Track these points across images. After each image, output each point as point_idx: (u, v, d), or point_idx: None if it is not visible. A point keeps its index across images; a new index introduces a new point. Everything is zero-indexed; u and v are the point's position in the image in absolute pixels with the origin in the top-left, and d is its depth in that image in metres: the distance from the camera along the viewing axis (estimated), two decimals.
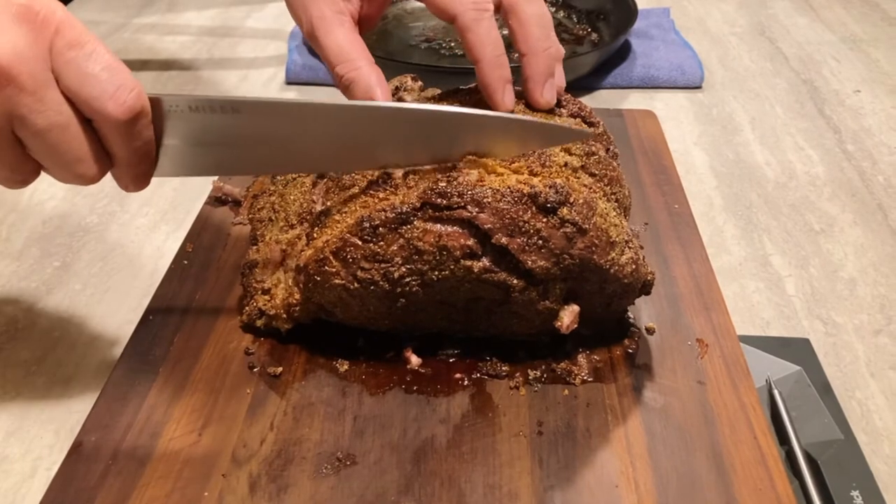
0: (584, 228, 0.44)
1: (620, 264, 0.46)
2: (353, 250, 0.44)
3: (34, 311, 0.60)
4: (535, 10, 0.49)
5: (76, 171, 0.40)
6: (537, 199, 0.44)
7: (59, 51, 0.37)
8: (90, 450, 0.43)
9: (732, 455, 0.43)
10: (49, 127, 0.38)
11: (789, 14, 1.15)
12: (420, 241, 0.44)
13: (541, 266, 0.44)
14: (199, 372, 0.48)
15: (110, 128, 0.39)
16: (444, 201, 0.43)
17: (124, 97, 0.38)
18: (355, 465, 0.43)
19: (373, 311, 0.47)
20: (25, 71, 0.36)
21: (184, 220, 0.70)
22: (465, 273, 0.45)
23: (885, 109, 0.90)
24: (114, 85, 0.38)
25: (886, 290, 0.63)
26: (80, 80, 0.37)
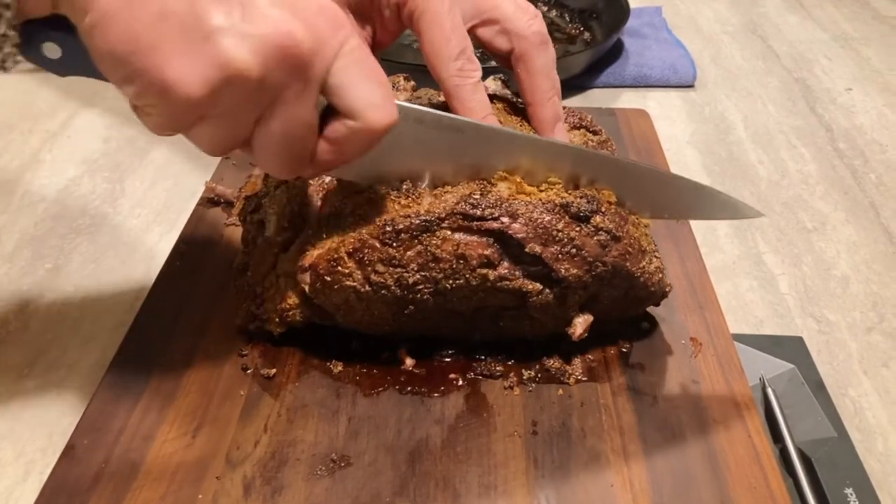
0: (618, 236, 0.45)
1: (650, 272, 0.47)
2: (371, 252, 0.44)
3: (26, 313, 0.60)
4: (544, 61, 0.49)
5: (288, 165, 0.39)
6: (570, 209, 0.44)
7: (345, 51, 0.37)
8: (83, 453, 0.43)
9: (727, 453, 0.43)
10: (299, 122, 0.38)
11: (781, 12, 1.16)
12: (438, 248, 0.44)
13: (574, 274, 0.45)
14: (193, 374, 0.48)
15: (358, 135, 0.39)
16: (478, 212, 0.44)
17: (389, 109, 0.39)
18: (350, 466, 0.43)
19: (377, 316, 0.47)
20: (316, 60, 0.36)
21: (176, 220, 0.69)
22: (480, 282, 0.45)
23: (876, 107, 0.90)
24: (382, 95, 0.38)
25: (879, 287, 0.63)
26: (355, 82, 0.38)
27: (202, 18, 0.33)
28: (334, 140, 0.39)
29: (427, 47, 0.47)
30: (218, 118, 0.36)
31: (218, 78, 0.34)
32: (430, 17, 0.46)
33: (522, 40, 0.49)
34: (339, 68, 0.37)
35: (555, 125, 0.50)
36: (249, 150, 0.39)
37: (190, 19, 0.33)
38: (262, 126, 0.37)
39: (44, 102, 0.90)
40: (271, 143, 0.38)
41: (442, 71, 0.47)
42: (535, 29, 0.49)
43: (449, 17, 0.46)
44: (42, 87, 0.93)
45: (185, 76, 0.33)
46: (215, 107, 0.35)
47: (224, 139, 0.37)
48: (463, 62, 0.47)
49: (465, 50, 0.47)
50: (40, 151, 0.81)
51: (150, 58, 0.33)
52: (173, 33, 0.33)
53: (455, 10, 0.47)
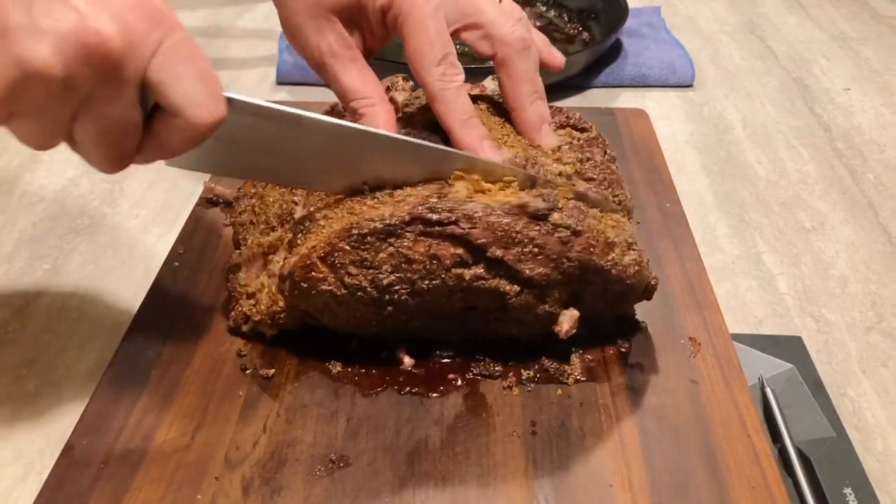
0: (579, 230, 0.45)
1: (623, 264, 0.46)
2: (342, 255, 0.44)
3: (24, 313, 0.60)
4: (526, 67, 0.49)
5: (110, 161, 0.38)
6: (527, 209, 0.44)
7: (165, 48, 0.36)
8: (82, 453, 0.43)
9: (726, 453, 0.43)
10: (117, 121, 0.37)
11: (779, 12, 1.16)
12: (410, 249, 0.44)
13: (539, 273, 0.45)
14: (191, 374, 0.48)
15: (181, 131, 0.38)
16: (436, 216, 0.43)
17: (215, 106, 0.37)
18: (349, 466, 0.43)
19: (360, 318, 0.47)
20: (128, 58, 0.35)
21: (175, 221, 0.69)
22: (456, 281, 0.45)
23: (874, 107, 0.90)
24: (208, 92, 0.37)
25: (878, 287, 0.63)
26: (176, 80, 0.36)
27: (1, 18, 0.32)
28: (158, 135, 0.38)
29: (411, 52, 0.47)
30: (28, 115, 0.35)
31: (15, 77, 0.33)
32: (413, 22, 0.46)
33: (504, 46, 0.49)
34: (158, 65, 0.36)
35: (540, 128, 0.50)
36: (72, 148, 0.38)
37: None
38: (79, 123, 0.36)
39: None
40: (89, 141, 0.37)
41: (425, 75, 0.47)
42: (518, 35, 0.49)
43: (433, 21, 0.46)
44: None
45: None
46: (20, 104, 0.34)
47: (41, 135, 0.37)
48: (445, 67, 0.47)
49: (448, 55, 0.47)
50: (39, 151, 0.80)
51: None
52: None
53: (439, 14, 0.47)
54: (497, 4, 0.50)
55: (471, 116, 0.47)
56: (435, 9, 0.46)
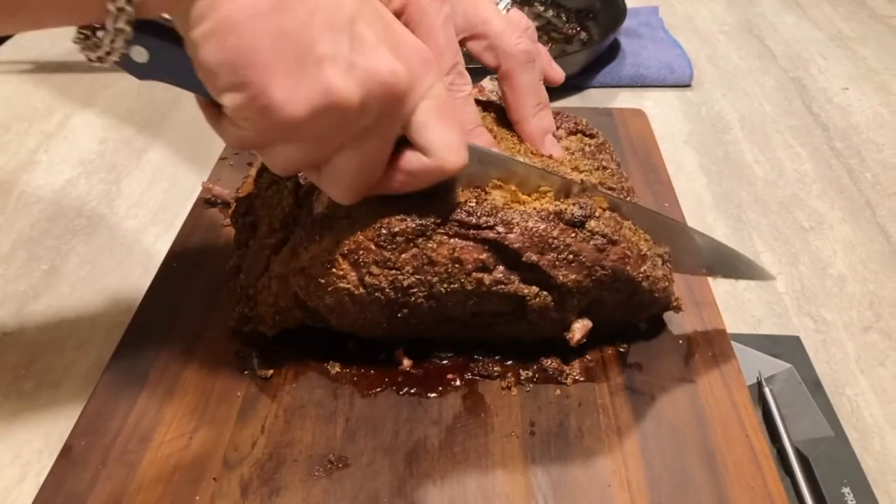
0: (615, 240, 0.45)
1: (655, 277, 0.47)
2: (366, 254, 0.44)
3: (22, 314, 0.60)
4: (529, 79, 0.50)
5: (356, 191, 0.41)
6: (564, 216, 0.44)
7: (432, 93, 0.39)
8: (80, 454, 0.43)
9: (724, 453, 0.43)
10: (377, 153, 0.39)
11: (777, 12, 1.16)
12: (434, 252, 0.44)
13: (572, 279, 0.45)
14: (190, 375, 0.48)
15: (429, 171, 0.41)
16: (473, 220, 0.44)
17: (463, 152, 0.41)
18: (347, 467, 0.43)
19: (370, 319, 0.47)
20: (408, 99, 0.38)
21: (173, 221, 0.69)
22: (475, 286, 0.45)
23: (872, 107, 0.90)
24: (458, 139, 0.40)
25: (875, 286, 0.63)
26: (436, 123, 0.39)
27: (315, 44, 0.34)
28: (406, 171, 0.41)
29: None
30: (305, 141, 0.37)
31: (321, 103, 0.35)
32: (423, 31, 0.47)
33: (508, 58, 0.50)
34: (425, 108, 0.39)
35: (544, 138, 0.51)
36: (316, 173, 0.40)
37: (304, 45, 0.34)
38: (342, 153, 0.38)
39: (40, 103, 0.90)
40: (345, 170, 0.39)
41: None
42: (522, 48, 0.50)
43: (443, 31, 0.47)
44: (38, 88, 0.93)
45: (291, 97, 0.34)
46: (309, 130, 0.36)
47: (301, 161, 0.39)
48: (454, 76, 0.47)
49: (457, 65, 0.48)
50: (36, 152, 0.80)
51: (262, 73, 0.33)
52: (288, 54, 0.34)
53: (449, 24, 0.47)
54: (504, 16, 0.50)
55: (478, 125, 0.48)
56: (445, 19, 0.47)
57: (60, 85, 0.93)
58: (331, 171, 0.39)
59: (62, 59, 1.00)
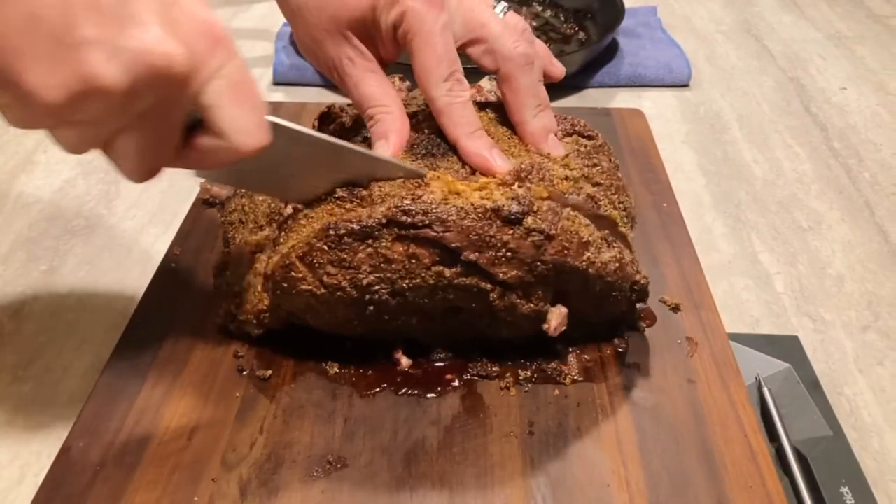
0: (552, 234, 0.44)
1: (602, 262, 0.46)
2: (320, 255, 0.44)
3: (20, 315, 0.60)
4: (529, 81, 0.50)
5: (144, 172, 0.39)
6: (500, 213, 0.44)
7: (223, 73, 0.37)
8: (78, 455, 0.43)
9: (723, 453, 0.43)
10: (162, 136, 0.38)
11: (775, 12, 1.16)
12: (389, 250, 0.44)
13: (513, 276, 0.45)
14: (188, 376, 0.48)
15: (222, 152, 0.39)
16: (409, 219, 0.43)
17: (259, 135, 0.39)
18: (346, 467, 0.43)
19: (342, 317, 0.47)
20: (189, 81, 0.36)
21: (171, 222, 0.69)
22: (436, 279, 0.44)
23: (870, 106, 0.90)
24: (253, 121, 0.38)
25: (874, 286, 0.63)
26: (227, 105, 0.37)
27: (73, 28, 0.32)
28: (199, 149, 0.39)
29: (418, 68, 0.48)
30: (78, 125, 0.35)
31: (79, 89, 0.33)
32: (422, 39, 0.47)
33: (507, 61, 0.50)
34: (213, 90, 0.37)
35: (545, 138, 0.51)
36: (105, 153, 0.38)
37: (60, 28, 0.32)
38: (124, 135, 0.37)
39: None
40: (131, 152, 0.37)
41: (432, 90, 0.48)
42: (520, 51, 0.50)
43: (441, 38, 0.47)
44: None
45: (45, 83, 0.32)
46: (75, 115, 0.34)
47: (81, 144, 0.37)
48: (452, 83, 0.47)
49: (455, 72, 0.48)
50: (34, 153, 0.80)
51: (11, 60, 0.32)
52: (40, 39, 0.32)
53: (447, 31, 0.47)
54: (501, 20, 0.51)
55: (476, 129, 0.48)
56: (443, 26, 0.47)
57: None
58: (116, 151, 0.38)
59: None
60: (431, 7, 0.47)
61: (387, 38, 0.49)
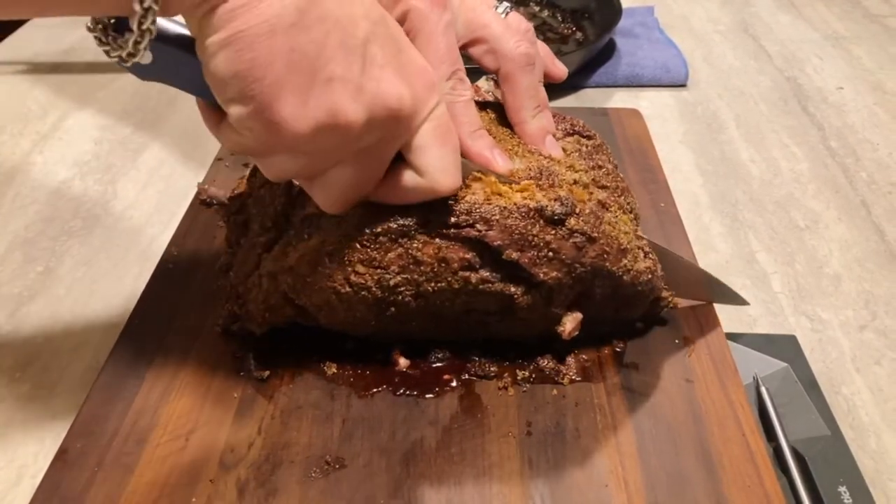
0: (594, 237, 0.45)
1: (637, 270, 0.47)
2: (351, 253, 0.44)
3: (17, 316, 0.59)
4: (529, 82, 0.50)
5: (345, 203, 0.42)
6: (544, 213, 0.44)
7: (433, 115, 0.40)
8: (76, 457, 0.43)
9: (721, 452, 0.43)
10: (372, 171, 0.40)
11: (772, 12, 1.16)
12: (419, 251, 0.44)
13: (553, 277, 0.45)
14: (186, 376, 0.48)
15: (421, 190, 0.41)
16: (453, 219, 0.43)
17: (456, 175, 0.42)
18: (344, 468, 0.43)
19: (358, 317, 0.47)
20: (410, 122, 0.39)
21: (169, 223, 0.69)
22: (462, 284, 0.45)
23: (867, 106, 0.90)
24: (453, 162, 0.42)
25: (871, 285, 0.63)
26: (434, 146, 0.40)
27: (327, 64, 0.35)
28: (398, 186, 0.41)
29: None
30: (305, 155, 0.37)
31: (325, 123, 0.35)
32: (425, 38, 0.47)
33: (508, 62, 0.50)
34: (424, 131, 0.40)
35: (544, 139, 0.51)
36: (308, 182, 0.40)
37: (316, 62, 0.34)
38: (338, 168, 0.39)
39: (34, 104, 0.89)
40: (338, 183, 0.40)
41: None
42: (522, 51, 0.50)
43: (444, 38, 0.47)
44: (33, 89, 0.93)
45: (297, 114, 0.35)
46: (310, 145, 0.36)
47: (296, 173, 0.39)
48: (455, 82, 0.48)
49: (457, 71, 0.48)
50: (31, 153, 0.80)
51: (272, 89, 0.34)
52: (299, 72, 0.34)
53: (450, 31, 0.48)
54: (503, 20, 0.51)
55: (479, 128, 0.48)
56: (447, 25, 0.47)
57: (55, 86, 0.92)
58: (324, 182, 0.40)
59: (57, 60, 0.99)
60: (435, 6, 0.47)
61: None
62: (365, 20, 0.36)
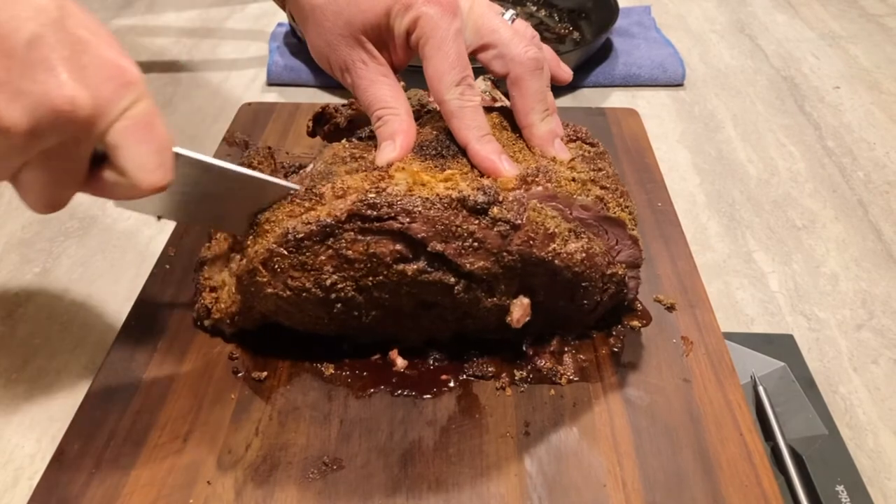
0: (518, 224, 0.44)
1: (568, 252, 0.46)
2: (281, 260, 0.44)
3: (14, 317, 0.59)
4: (538, 86, 0.50)
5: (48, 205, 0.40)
6: (467, 203, 0.44)
7: (129, 114, 0.38)
8: (73, 458, 0.43)
9: (718, 452, 0.43)
10: (66, 172, 0.39)
11: (768, 11, 1.16)
12: (349, 249, 0.44)
13: (480, 266, 0.44)
14: (183, 378, 0.48)
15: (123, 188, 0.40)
16: (374, 212, 0.43)
17: (162, 175, 0.40)
18: (342, 469, 0.43)
19: (312, 316, 0.47)
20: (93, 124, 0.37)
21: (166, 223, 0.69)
22: (399, 277, 0.44)
23: (864, 105, 0.91)
24: (157, 161, 0.39)
25: (868, 284, 0.64)
26: (131, 145, 0.38)
27: None
28: (102, 182, 0.40)
29: (431, 71, 0.48)
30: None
31: None
32: (435, 44, 0.47)
33: (518, 66, 0.50)
34: (118, 130, 0.38)
35: (552, 142, 0.51)
36: (13, 182, 0.39)
37: None
38: (28, 170, 0.38)
39: None
40: (35, 186, 0.39)
41: (444, 94, 0.48)
42: (531, 55, 0.50)
43: (454, 44, 0.48)
44: None
45: None
46: None
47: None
48: (464, 88, 0.48)
49: (467, 77, 0.48)
50: None
51: None
52: None
53: (460, 38, 0.48)
54: (510, 26, 0.51)
55: (486, 134, 0.48)
56: (456, 32, 0.48)
57: None
58: (20, 184, 0.39)
59: None
60: (445, 13, 0.47)
61: (400, 43, 0.49)
62: (31, 21, 0.35)
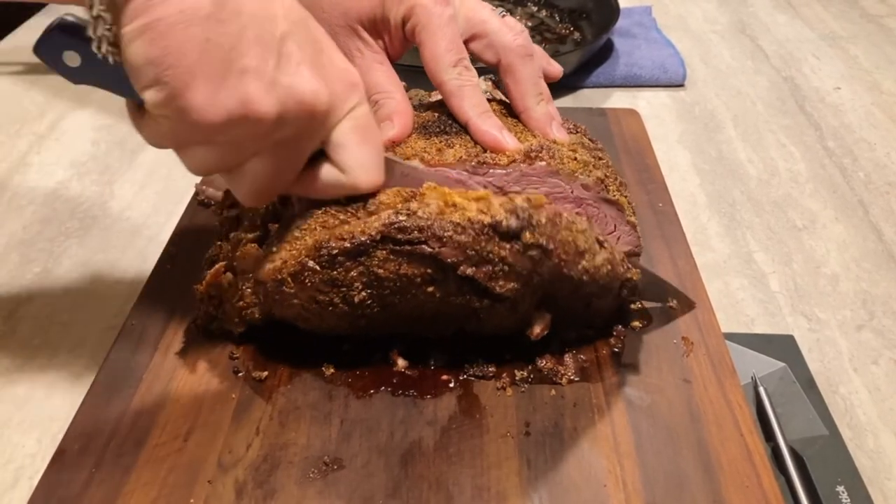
0: (549, 249, 0.44)
1: (595, 266, 0.46)
2: (311, 275, 0.44)
3: (14, 317, 0.59)
4: (529, 71, 0.52)
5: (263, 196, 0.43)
6: (499, 228, 0.43)
7: (353, 115, 0.41)
8: (73, 458, 0.43)
9: (719, 452, 0.43)
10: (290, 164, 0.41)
11: (769, 12, 1.16)
12: (380, 268, 0.43)
13: (510, 288, 0.45)
14: (184, 377, 0.48)
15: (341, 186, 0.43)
16: (405, 236, 0.43)
17: (377, 174, 0.43)
18: (342, 469, 0.43)
19: (333, 325, 0.47)
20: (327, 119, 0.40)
21: (166, 223, 0.69)
22: (427, 297, 0.45)
23: (864, 106, 0.91)
24: (374, 161, 0.43)
25: (868, 285, 0.64)
26: (354, 144, 0.41)
27: (241, 56, 0.36)
28: (318, 180, 0.43)
29: (428, 55, 0.50)
30: (219, 146, 0.38)
31: (237, 113, 0.36)
32: (431, 29, 0.49)
33: (508, 53, 0.52)
34: (343, 129, 0.41)
35: (550, 124, 0.52)
36: (227, 175, 0.41)
37: (230, 53, 0.35)
38: (254, 160, 0.40)
39: (31, 104, 0.89)
40: (254, 175, 0.40)
41: (442, 75, 0.50)
42: (520, 42, 0.52)
43: (449, 29, 0.50)
44: (30, 89, 0.92)
45: (209, 102, 0.35)
46: (223, 136, 0.37)
47: (214, 165, 0.40)
48: (461, 69, 0.50)
49: (463, 59, 0.50)
50: (28, 154, 0.80)
51: (184, 76, 0.35)
52: (212, 62, 0.35)
53: (454, 23, 0.50)
54: (500, 17, 0.53)
55: (486, 111, 0.50)
56: (450, 18, 0.50)
57: (52, 86, 0.92)
58: (241, 174, 0.40)
59: None
60: (438, 2, 0.49)
61: (395, 33, 0.51)
62: (284, 19, 0.38)
